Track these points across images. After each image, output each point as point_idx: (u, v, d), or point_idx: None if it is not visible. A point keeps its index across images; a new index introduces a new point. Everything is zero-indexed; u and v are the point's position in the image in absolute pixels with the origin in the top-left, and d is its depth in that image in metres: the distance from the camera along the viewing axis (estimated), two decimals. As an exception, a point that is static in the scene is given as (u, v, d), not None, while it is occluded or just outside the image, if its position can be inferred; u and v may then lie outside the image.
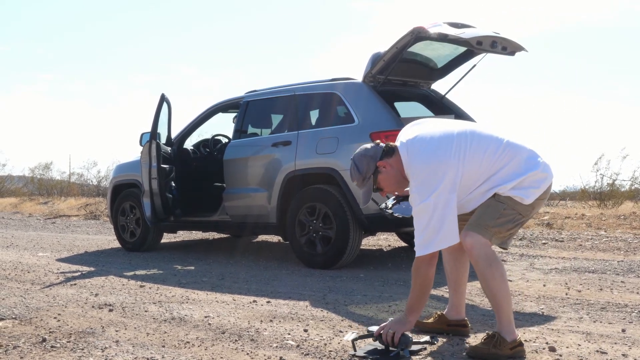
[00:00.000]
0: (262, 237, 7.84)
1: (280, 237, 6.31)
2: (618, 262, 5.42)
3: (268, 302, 4.03)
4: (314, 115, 5.77)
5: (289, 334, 3.20)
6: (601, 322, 3.37)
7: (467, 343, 2.98)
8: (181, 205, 6.42)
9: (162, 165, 6.25)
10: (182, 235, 8.60)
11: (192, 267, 5.68)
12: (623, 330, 3.17)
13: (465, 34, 4.77)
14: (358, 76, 5.49)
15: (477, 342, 2.85)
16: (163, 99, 6.36)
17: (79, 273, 5.39)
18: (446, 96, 5.94)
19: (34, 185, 21.05)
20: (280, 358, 2.80)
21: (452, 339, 3.05)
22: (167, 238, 8.05)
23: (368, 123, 5.13)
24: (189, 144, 7.02)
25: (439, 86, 6.06)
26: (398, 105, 5.77)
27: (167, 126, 6.53)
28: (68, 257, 6.60)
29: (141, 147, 6.40)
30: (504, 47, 5.01)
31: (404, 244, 6.82)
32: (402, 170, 2.83)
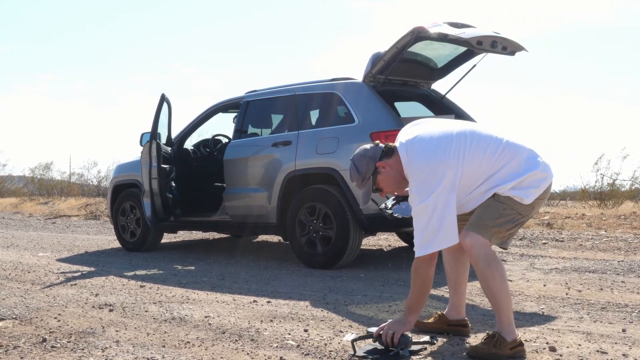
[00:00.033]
0: (262, 237, 7.84)
1: (280, 237, 6.31)
2: (618, 262, 5.42)
3: (268, 302, 4.03)
4: (314, 115, 5.77)
5: (289, 334, 3.20)
6: (601, 322, 3.37)
7: (467, 343, 2.98)
8: (181, 205, 6.42)
9: (163, 165, 6.25)
10: (183, 235, 8.60)
11: (193, 267, 5.68)
12: (623, 330, 3.17)
13: (465, 33, 4.76)
14: (358, 76, 5.49)
15: (478, 342, 2.85)
16: (163, 99, 6.36)
17: (79, 273, 5.39)
18: (446, 96, 5.94)
19: (34, 186, 21.06)
20: (281, 358, 2.80)
21: (452, 338, 3.05)
22: (167, 238, 8.05)
23: (368, 123, 5.13)
24: (189, 144, 7.03)
25: (439, 86, 6.07)
26: (398, 105, 5.77)
27: (167, 126, 6.54)
28: (68, 257, 6.60)
29: (141, 147, 6.40)
30: (504, 47, 5.01)
31: (404, 244, 6.82)
32: (402, 170, 2.83)
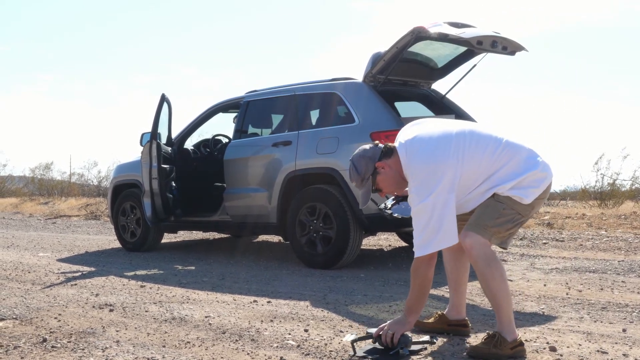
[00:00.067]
0: (262, 237, 7.84)
1: (280, 237, 6.31)
2: (619, 261, 5.42)
3: (269, 302, 4.03)
4: (314, 115, 5.77)
5: (290, 334, 3.20)
6: (602, 322, 3.37)
7: (467, 343, 2.98)
8: (181, 205, 6.42)
9: (163, 166, 6.25)
10: (183, 235, 8.60)
11: (193, 267, 5.68)
12: (624, 330, 3.17)
13: (465, 33, 4.76)
14: (358, 76, 5.49)
15: (478, 342, 2.85)
16: (163, 99, 6.36)
17: (80, 273, 5.39)
18: (446, 96, 5.94)
19: (35, 186, 21.06)
20: (281, 358, 2.80)
21: (452, 338, 3.05)
22: (167, 238, 8.05)
23: (368, 123, 5.13)
24: (189, 144, 7.03)
25: (440, 86, 6.07)
26: (398, 105, 5.77)
27: (167, 126, 6.54)
28: (68, 257, 6.60)
29: (141, 147, 6.41)
30: (504, 46, 5.00)
31: (404, 244, 6.82)
32: (401, 171, 2.83)
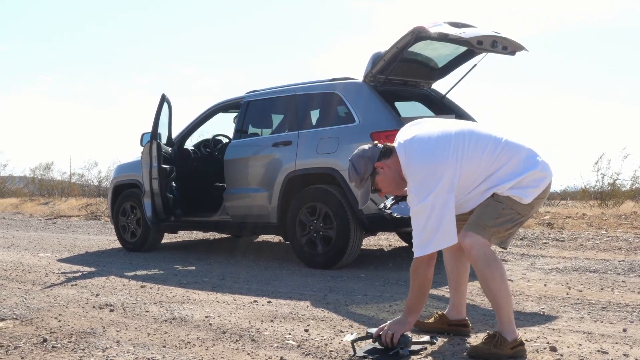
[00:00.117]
0: (262, 237, 7.84)
1: (280, 237, 6.31)
2: (619, 261, 5.41)
3: (269, 302, 4.03)
4: (315, 115, 5.77)
5: (290, 334, 3.20)
6: (602, 322, 3.37)
7: (467, 343, 2.98)
8: (182, 206, 6.42)
9: (163, 166, 6.25)
10: (183, 236, 8.60)
11: (193, 267, 5.68)
12: (624, 330, 3.17)
13: (465, 33, 4.76)
14: (358, 76, 5.49)
15: (478, 342, 2.85)
16: (163, 99, 6.36)
17: (80, 273, 5.39)
18: (447, 96, 5.94)
19: (35, 186, 21.03)
20: (281, 358, 2.80)
21: (452, 338, 3.05)
22: (167, 238, 8.05)
23: (369, 123, 5.13)
24: (189, 144, 7.03)
25: (440, 86, 6.07)
26: (398, 105, 5.77)
27: (167, 126, 6.54)
28: (69, 257, 6.60)
29: (142, 148, 6.41)
30: (505, 46, 5.00)
31: (404, 244, 6.82)
32: (400, 171, 2.83)
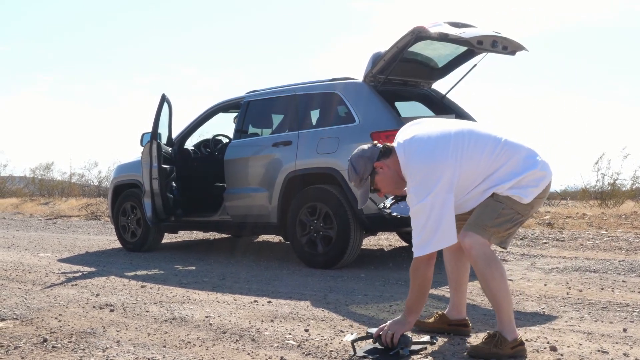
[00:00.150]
0: (262, 237, 7.84)
1: (281, 237, 6.31)
2: (619, 261, 5.41)
3: (269, 302, 4.03)
4: (315, 115, 5.77)
5: (290, 333, 3.20)
6: (602, 322, 3.37)
7: (468, 343, 2.98)
8: (182, 206, 6.42)
9: (163, 166, 6.25)
10: (183, 236, 8.61)
11: (193, 267, 5.68)
12: (624, 330, 3.17)
13: (465, 33, 4.76)
14: (358, 76, 5.49)
15: (478, 342, 2.85)
16: (164, 99, 6.36)
17: (80, 273, 5.39)
18: (447, 96, 5.94)
19: (35, 186, 21.03)
20: (281, 358, 2.80)
21: (453, 338, 3.05)
22: (168, 238, 8.06)
23: (369, 123, 5.13)
24: (189, 144, 7.03)
25: (440, 86, 6.07)
26: (399, 105, 5.77)
27: (167, 126, 6.54)
28: (69, 257, 6.60)
29: (142, 148, 6.41)
30: (505, 46, 5.00)
31: (405, 244, 6.82)
32: (400, 171, 2.83)
